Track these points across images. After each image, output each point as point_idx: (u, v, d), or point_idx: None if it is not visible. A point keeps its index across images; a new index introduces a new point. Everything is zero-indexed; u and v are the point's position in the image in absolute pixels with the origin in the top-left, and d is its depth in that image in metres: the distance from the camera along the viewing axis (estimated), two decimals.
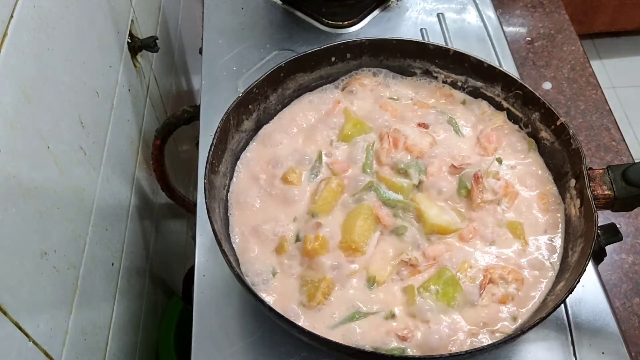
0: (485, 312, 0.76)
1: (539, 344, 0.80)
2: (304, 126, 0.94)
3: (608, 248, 0.89)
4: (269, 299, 0.77)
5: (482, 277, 0.78)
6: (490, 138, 0.91)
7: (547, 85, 1.26)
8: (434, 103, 0.96)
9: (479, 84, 0.94)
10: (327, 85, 0.98)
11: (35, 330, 0.69)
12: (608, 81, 2.66)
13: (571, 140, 0.82)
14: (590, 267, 0.85)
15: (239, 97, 0.86)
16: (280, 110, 0.95)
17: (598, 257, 0.89)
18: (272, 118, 0.94)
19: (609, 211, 0.78)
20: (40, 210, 0.73)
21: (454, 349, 0.73)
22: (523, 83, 0.89)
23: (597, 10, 2.52)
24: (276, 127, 0.94)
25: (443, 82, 0.97)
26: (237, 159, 0.89)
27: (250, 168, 0.90)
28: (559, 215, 0.84)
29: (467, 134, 0.93)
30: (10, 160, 0.66)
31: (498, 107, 0.94)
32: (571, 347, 0.79)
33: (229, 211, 0.85)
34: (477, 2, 1.25)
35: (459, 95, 0.96)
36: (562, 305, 0.82)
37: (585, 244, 0.74)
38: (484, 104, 0.95)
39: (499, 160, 0.88)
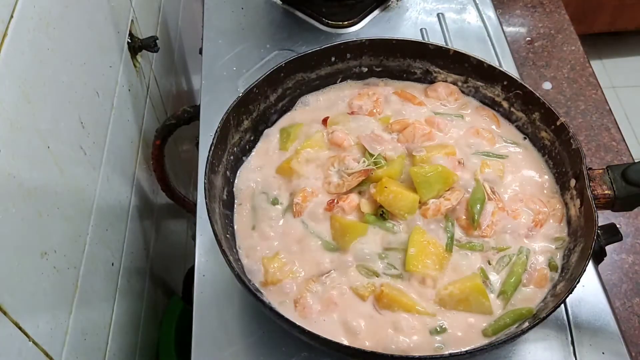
0: None
1: (539, 344, 0.80)
2: None
3: (608, 248, 0.89)
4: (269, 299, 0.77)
5: None
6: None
7: (547, 85, 1.26)
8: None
9: (479, 84, 0.94)
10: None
11: (35, 330, 0.69)
12: (608, 81, 2.66)
13: (571, 140, 0.82)
14: (590, 267, 0.85)
15: (239, 97, 0.86)
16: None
17: (598, 257, 0.89)
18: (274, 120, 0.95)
19: (609, 211, 0.78)
20: (40, 210, 0.73)
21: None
22: (523, 83, 0.89)
23: (597, 10, 2.52)
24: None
25: (443, 82, 0.97)
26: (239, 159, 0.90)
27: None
28: (559, 215, 0.83)
29: None
30: (10, 160, 0.66)
31: (498, 106, 0.94)
32: (571, 347, 0.79)
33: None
34: (477, 2, 1.25)
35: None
36: (562, 305, 0.82)
37: (585, 244, 0.74)
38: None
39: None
